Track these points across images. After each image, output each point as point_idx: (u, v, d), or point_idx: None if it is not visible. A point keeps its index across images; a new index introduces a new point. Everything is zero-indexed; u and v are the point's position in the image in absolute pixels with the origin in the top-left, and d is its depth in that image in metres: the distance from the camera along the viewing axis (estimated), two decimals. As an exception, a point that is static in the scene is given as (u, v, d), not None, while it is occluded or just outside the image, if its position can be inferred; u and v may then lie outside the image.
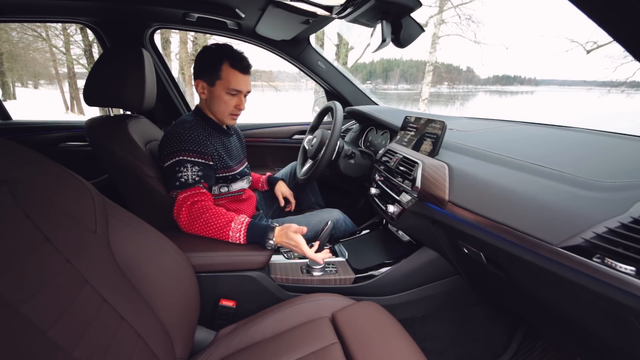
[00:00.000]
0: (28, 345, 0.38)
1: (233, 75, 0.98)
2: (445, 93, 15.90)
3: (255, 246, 0.90)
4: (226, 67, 0.97)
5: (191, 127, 0.98)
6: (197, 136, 0.96)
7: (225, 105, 1.01)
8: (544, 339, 1.01)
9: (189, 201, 0.90)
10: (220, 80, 0.98)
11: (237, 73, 0.98)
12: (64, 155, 1.64)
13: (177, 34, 7.47)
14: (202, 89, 1.01)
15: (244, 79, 1.01)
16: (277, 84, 9.28)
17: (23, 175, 0.48)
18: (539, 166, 0.66)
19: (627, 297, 0.42)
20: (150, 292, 0.61)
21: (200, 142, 0.96)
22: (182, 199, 0.91)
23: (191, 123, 1.00)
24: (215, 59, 0.97)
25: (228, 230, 0.89)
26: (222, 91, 0.99)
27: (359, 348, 0.64)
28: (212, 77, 0.98)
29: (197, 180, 0.93)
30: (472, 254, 0.75)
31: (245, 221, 0.91)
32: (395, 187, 0.98)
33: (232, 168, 1.07)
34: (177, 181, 0.92)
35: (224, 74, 0.97)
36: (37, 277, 0.42)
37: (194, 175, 0.93)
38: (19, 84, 16.28)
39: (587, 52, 7.14)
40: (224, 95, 1.00)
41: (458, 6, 7.95)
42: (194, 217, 0.89)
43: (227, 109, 1.02)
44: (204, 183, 0.95)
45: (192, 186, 0.92)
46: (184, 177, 0.92)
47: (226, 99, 1.00)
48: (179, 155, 0.93)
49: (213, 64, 0.97)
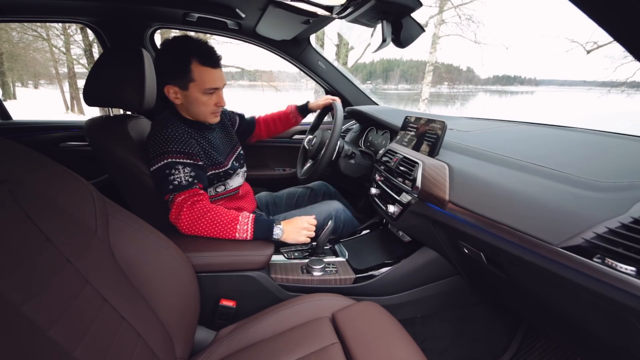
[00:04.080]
0: (28, 345, 0.38)
1: (206, 73, 0.89)
2: (445, 93, 15.89)
3: (256, 246, 0.90)
4: (196, 66, 0.88)
5: (173, 125, 0.92)
6: (180, 135, 0.91)
7: (205, 105, 0.94)
8: (544, 339, 1.01)
9: (188, 202, 0.88)
10: (193, 82, 0.90)
11: (209, 70, 0.90)
12: (64, 155, 1.64)
13: (178, 34, 7.46)
14: (174, 94, 0.92)
15: (218, 73, 0.92)
16: (277, 84, 9.26)
17: (23, 175, 0.48)
18: (539, 166, 0.66)
19: (627, 297, 0.42)
20: (151, 292, 0.61)
21: (185, 141, 0.91)
22: (180, 201, 0.88)
23: (173, 121, 0.93)
24: (181, 59, 0.88)
25: (235, 228, 0.88)
26: (198, 93, 0.91)
27: (359, 348, 0.64)
28: (183, 79, 0.89)
29: (191, 181, 0.89)
30: (473, 254, 0.75)
31: (250, 217, 0.91)
32: (395, 187, 0.98)
33: (222, 164, 1.02)
34: (171, 184, 0.87)
35: (196, 75, 0.89)
36: (37, 277, 0.42)
37: (186, 176, 0.88)
38: (19, 84, 16.28)
39: (587, 52, 7.14)
40: (201, 96, 0.92)
41: (458, 6, 7.95)
42: (196, 218, 0.87)
43: (207, 109, 0.95)
44: (199, 184, 0.91)
45: (187, 188, 0.88)
46: (177, 180, 0.88)
47: (204, 99, 0.93)
48: (166, 158, 0.88)
49: (180, 65, 0.88)
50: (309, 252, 1.07)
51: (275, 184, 1.76)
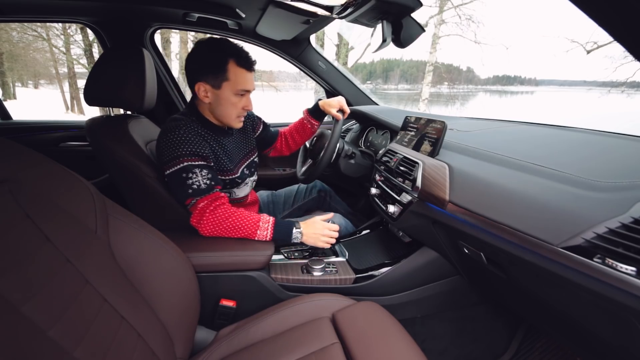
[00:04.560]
0: (28, 345, 0.38)
1: (241, 74, 0.90)
2: (445, 93, 15.90)
3: (256, 246, 0.90)
4: (233, 65, 0.89)
5: (187, 127, 0.90)
6: (194, 137, 0.90)
7: (234, 107, 0.94)
8: (544, 338, 1.01)
9: (210, 207, 0.89)
10: (227, 81, 0.90)
11: (244, 72, 0.91)
12: (64, 155, 1.64)
13: (178, 34, 7.48)
14: (205, 92, 0.92)
15: (251, 76, 0.94)
16: (277, 84, 9.27)
17: (23, 175, 0.48)
18: (540, 166, 0.66)
19: (627, 297, 0.42)
20: (151, 292, 0.61)
21: (197, 142, 0.90)
22: (202, 206, 0.88)
23: (186, 122, 0.92)
24: (219, 58, 0.89)
25: (255, 233, 0.90)
26: (230, 93, 0.92)
27: (359, 348, 0.64)
28: (218, 78, 0.90)
29: (210, 184, 0.89)
30: (473, 254, 0.75)
31: (271, 220, 0.93)
32: (395, 187, 0.98)
33: (230, 171, 1.00)
34: (190, 188, 0.87)
35: (231, 74, 0.89)
36: (37, 277, 0.42)
37: (204, 179, 0.88)
38: (19, 84, 16.28)
39: (587, 52, 7.14)
40: (232, 97, 0.92)
41: (458, 6, 7.96)
42: (218, 223, 0.89)
43: (235, 111, 0.95)
44: (217, 186, 0.92)
45: (208, 192, 0.89)
46: (196, 184, 0.87)
47: (234, 100, 0.93)
48: (182, 162, 0.87)
49: (217, 64, 0.89)
50: (309, 252, 1.07)
51: (276, 184, 1.76)
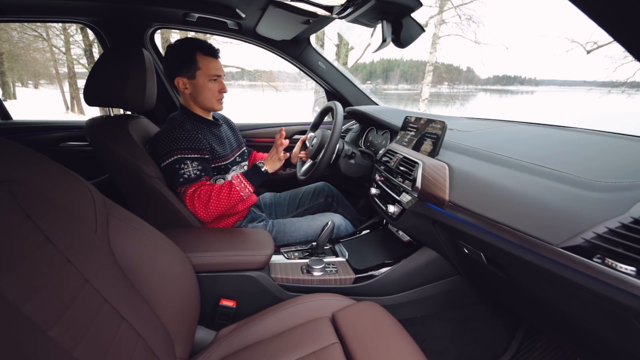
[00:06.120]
0: (28, 345, 0.38)
1: (209, 61, 1.05)
2: (445, 93, 15.88)
3: (256, 246, 0.91)
4: (200, 56, 1.03)
5: (181, 125, 1.03)
6: (188, 133, 1.01)
7: (211, 92, 1.08)
8: (544, 338, 1.01)
9: (197, 192, 0.99)
10: (199, 70, 1.04)
11: (211, 59, 1.06)
12: (64, 155, 1.64)
13: (178, 34, 7.46)
14: (184, 84, 1.06)
15: (218, 63, 1.09)
16: (277, 84, 9.25)
17: (23, 175, 0.48)
18: (540, 166, 0.66)
19: (627, 297, 0.42)
20: (151, 291, 0.61)
21: (193, 138, 1.02)
22: (191, 192, 0.99)
23: (180, 121, 1.05)
24: (188, 53, 1.03)
25: (237, 191, 1.02)
26: (205, 79, 1.06)
27: (359, 348, 0.64)
28: (191, 70, 1.04)
29: (199, 174, 1.01)
30: (473, 254, 0.75)
31: (240, 175, 1.06)
32: (395, 187, 0.98)
33: (226, 157, 1.14)
34: (181, 177, 0.99)
35: (201, 64, 1.04)
36: (37, 277, 0.42)
37: (194, 170, 1.00)
38: (19, 84, 16.26)
39: (587, 52, 7.14)
40: (207, 82, 1.06)
41: (458, 6, 7.95)
42: (205, 201, 0.99)
43: (213, 95, 1.09)
44: (205, 176, 1.03)
45: (197, 180, 1.00)
46: (186, 173, 0.99)
47: (210, 86, 1.07)
48: (175, 154, 0.99)
49: (187, 58, 1.03)
50: (309, 252, 1.07)
51: (276, 184, 1.76)
